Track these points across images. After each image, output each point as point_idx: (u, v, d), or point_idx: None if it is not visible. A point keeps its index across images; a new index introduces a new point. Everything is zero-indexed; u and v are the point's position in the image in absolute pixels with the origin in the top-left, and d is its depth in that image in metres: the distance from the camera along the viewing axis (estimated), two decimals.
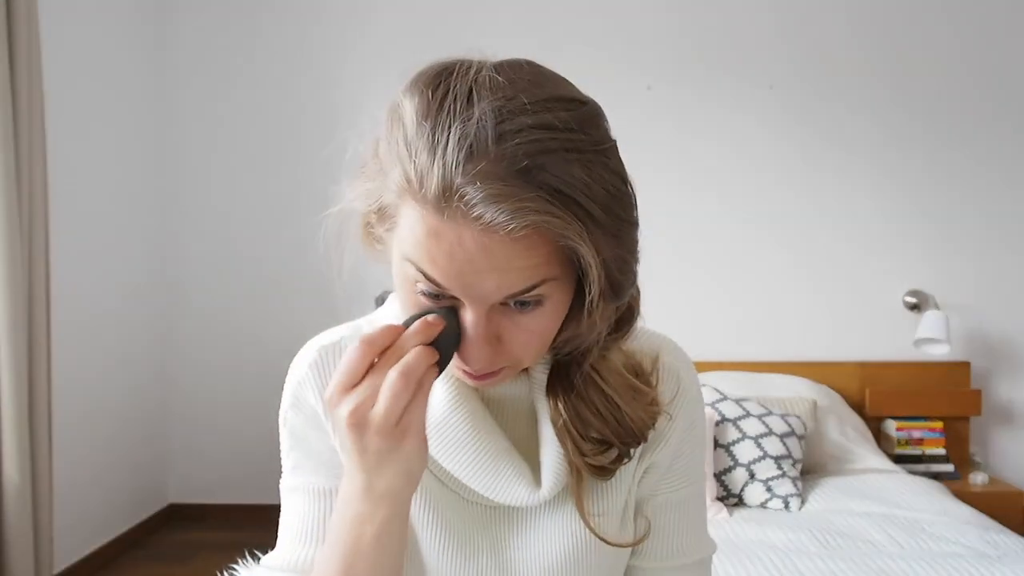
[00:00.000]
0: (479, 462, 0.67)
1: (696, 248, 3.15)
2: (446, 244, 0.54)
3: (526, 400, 0.70)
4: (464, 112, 0.53)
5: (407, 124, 0.55)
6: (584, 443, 0.66)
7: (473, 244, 0.53)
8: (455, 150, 0.52)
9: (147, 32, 3.22)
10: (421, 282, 0.57)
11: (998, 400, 3.11)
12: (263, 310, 3.27)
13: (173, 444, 3.34)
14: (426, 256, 0.55)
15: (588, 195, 0.53)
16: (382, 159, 0.58)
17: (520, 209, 0.51)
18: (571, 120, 0.54)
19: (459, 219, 0.53)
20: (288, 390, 0.73)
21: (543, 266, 0.55)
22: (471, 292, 0.56)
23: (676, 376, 0.73)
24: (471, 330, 0.57)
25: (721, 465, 2.37)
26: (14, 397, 2.21)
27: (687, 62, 3.15)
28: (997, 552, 1.88)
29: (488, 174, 0.51)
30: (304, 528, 0.71)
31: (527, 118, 0.53)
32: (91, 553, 2.82)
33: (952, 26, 3.10)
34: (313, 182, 3.26)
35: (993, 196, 3.10)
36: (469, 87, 0.54)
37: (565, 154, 0.53)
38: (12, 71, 2.21)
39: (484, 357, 0.58)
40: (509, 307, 0.57)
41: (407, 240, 0.56)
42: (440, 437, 0.67)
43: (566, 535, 0.70)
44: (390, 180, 0.57)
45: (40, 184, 2.33)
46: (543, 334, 0.60)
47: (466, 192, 0.52)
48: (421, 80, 0.57)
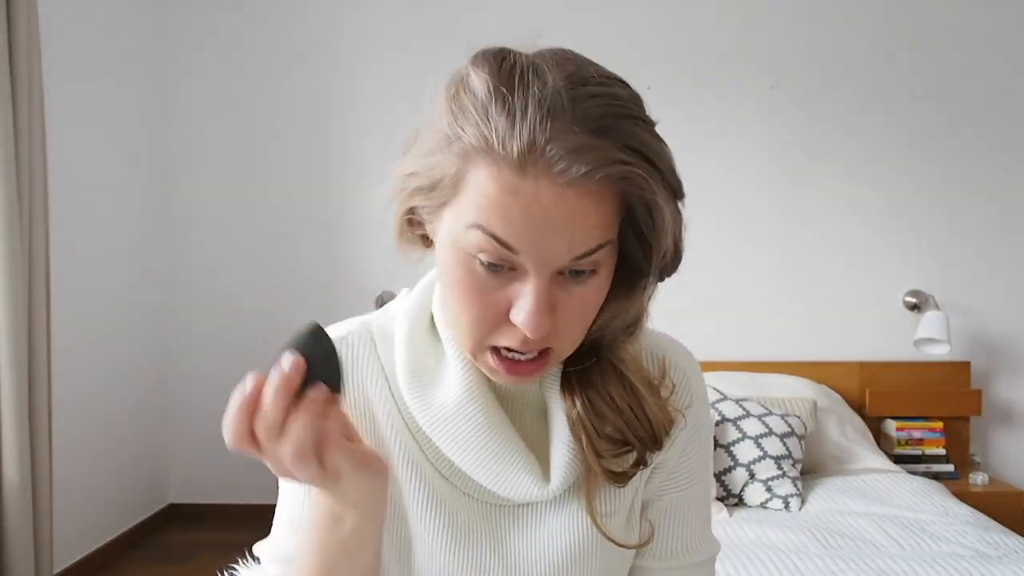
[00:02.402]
0: (490, 455, 0.66)
1: (696, 248, 3.14)
2: (523, 201, 0.54)
3: (537, 395, 0.70)
4: (536, 81, 0.54)
5: (478, 92, 0.56)
6: (599, 440, 0.65)
7: (551, 199, 0.54)
8: (535, 111, 0.53)
9: (147, 31, 3.22)
10: (485, 252, 0.56)
11: (998, 400, 3.11)
12: (263, 310, 3.27)
13: (173, 444, 3.34)
14: (500, 215, 0.55)
15: (659, 155, 0.56)
16: (445, 128, 0.57)
17: (603, 159, 0.53)
18: (631, 95, 0.58)
19: (540, 175, 0.54)
20: None
21: (608, 226, 0.57)
22: (542, 253, 0.56)
23: (684, 375, 0.73)
24: (534, 297, 0.57)
25: (721, 465, 2.37)
26: (14, 397, 2.21)
27: (687, 62, 3.15)
28: (997, 552, 1.88)
29: (568, 130, 0.53)
30: (295, 518, 0.71)
31: (596, 88, 0.55)
32: (91, 553, 2.82)
33: (952, 26, 3.10)
34: (313, 181, 3.26)
35: (993, 196, 3.10)
36: (534, 61, 0.57)
37: (633, 120, 0.56)
38: (12, 71, 2.21)
39: (543, 325, 0.57)
40: (565, 277, 0.58)
41: (476, 204, 0.56)
42: (453, 428, 0.66)
43: (571, 533, 0.69)
44: (456, 147, 0.56)
45: (40, 184, 2.33)
46: (592, 306, 0.61)
47: (549, 148, 0.53)
48: (485, 56, 0.58)
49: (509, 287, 0.58)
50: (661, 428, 0.66)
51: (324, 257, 3.27)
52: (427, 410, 0.67)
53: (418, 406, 0.67)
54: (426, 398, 0.67)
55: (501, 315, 0.59)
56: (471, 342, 0.61)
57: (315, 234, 3.28)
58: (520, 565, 0.70)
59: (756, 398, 2.64)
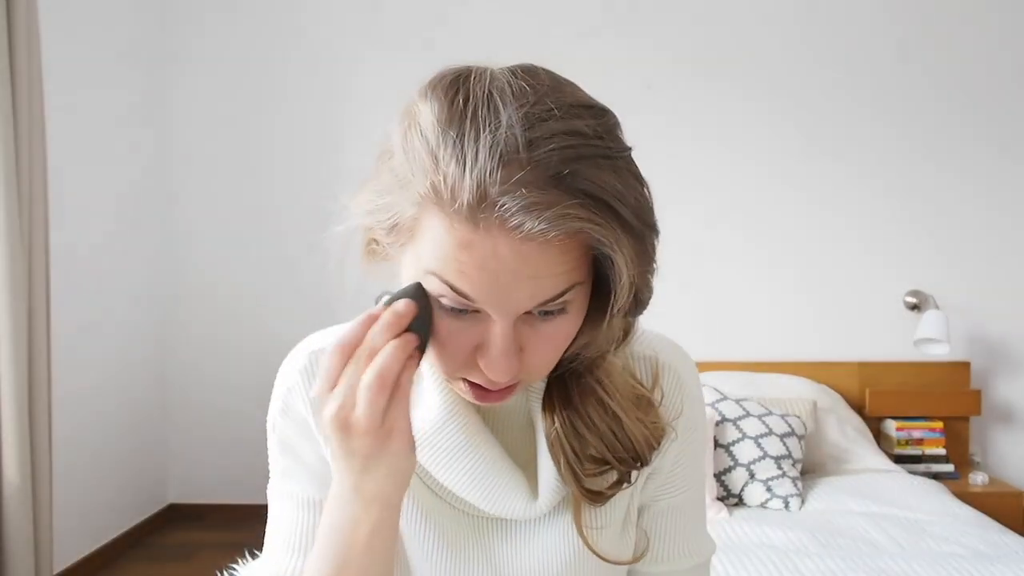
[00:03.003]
0: (474, 474, 0.65)
1: (696, 248, 3.15)
2: (479, 256, 0.52)
3: (523, 410, 0.69)
4: (490, 119, 0.51)
5: (427, 133, 0.53)
6: (579, 461, 0.64)
7: (509, 254, 0.51)
8: (487, 159, 0.50)
9: (148, 31, 3.22)
10: (445, 297, 0.55)
11: (998, 400, 3.11)
12: (263, 311, 3.27)
13: (173, 444, 3.34)
14: (455, 269, 0.53)
15: (621, 201, 0.52)
16: (397, 171, 0.55)
17: (562, 216, 0.49)
18: (598, 127, 0.53)
19: (494, 230, 0.51)
20: (277, 395, 0.71)
21: (573, 271, 0.54)
22: (503, 304, 0.54)
23: (677, 377, 0.72)
24: (499, 343, 0.55)
25: (721, 465, 2.37)
26: (14, 398, 2.21)
27: (687, 62, 3.15)
28: (997, 552, 1.88)
29: (524, 182, 0.49)
30: (294, 539, 0.69)
31: (556, 124, 0.51)
32: (91, 553, 2.82)
33: (952, 26, 3.10)
34: (314, 184, 3.26)
35: (993, 196, 3.10)
36: (489, 92, 0.52)
37: (597, 160, 0.51)
38: (12, 71, 2.20)
39: (511, 369, 0.56)
40: (532, 315, 0.56)
41: (431, 253, 0.54)
42: (434, 448, 0.65)
43: (562, 547, 0.69)
44: (410, 192, 0.54)
45: (40, 184, 2.33)
46: (562, 341, 0.59)
47: (503, 202, 0.49)
48: (438, 86, 0.54)
49: (474, 328, 0.56)
50: (644, 447, 0.65)
51: (323, 261, 3.26)
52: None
53: None
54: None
55: (468, 354, 0.57)
56: (443, 374, 0.61)
57: (315, 234, 3.27)
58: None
59: (756, 398, 2.64)
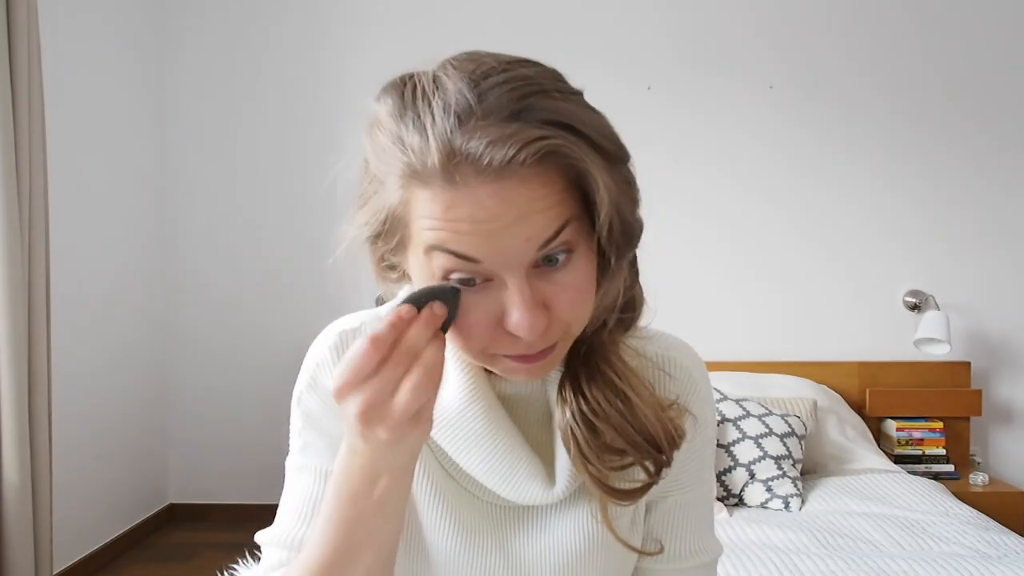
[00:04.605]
0: (493, 459, 0.66)
1: (696, 248, 3.15)
2: (466, 211, 0.53)
3: (540, 397, 0.70)
4: (439, 92, 0.54)
5: (387, 124, 0.56)
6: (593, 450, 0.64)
7: (492, 199, 0.53)
8: (443, 119, 0.53)
9: (148, 29, 3.22)
10: (452, 271, 0.56)
11: (998, 400, 3.11)
12: (264, 310, 3.27)
13: (173, 444, 3.34)
14: (450, 233, 0.54)
15: (584, 123, 0.54)
16: (374, 171, 0.58)
17: (527, 140, 0.52)
18: (544, 72, 0.56)
19: (470, 180, 0.53)
20: (305, 371, 0.73)
21: (562, 205, 0.55)
22: (504, 255, 0.55)
23: (688, 373, 0.73)
24: (518, 299, 0.56)
25: (721, 465, 2.37)
26: (14, 397, 2.21)
27: (687, 62, 3.15)
28: (997, 552, 1.88)
29: (483, 127, 0.52)
30: (307, 507, 0.71)
31: (501, 76, 0.54)
32: (91, 553, 2.82)
33: (951, 26, 3.10)
34: (314, 179, 3.26)
35: (993, 196, 3.10)
36: (434, 75, 0.56)
37: (551, 94, 0.54)
38: (12, 71, 2.21)
39: (538, 324, 0.56)
40: (543, 268, 0.57)
41: (427, 231, 0.55)
42: (454, 432, 0.67)
43: (577, 534, 0.70)
44: (390, 182, 0.56)
45: (40, 184, 2.32)
46: (585, 289, 0.59)
47: (468, 148, 0.52)
48: (387, 87, 0.58)
49: (491, 298, 0.57)
50: (660, 435, 0.65)
51: (326, 258, 3.26)
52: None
53: None
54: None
55: (492, 327, 0.58)
56: (475, 357, 0.61)
57: (315, 235, 3.27)
58: (525, 566, 0.70)
59: (756, 398, 2.64)
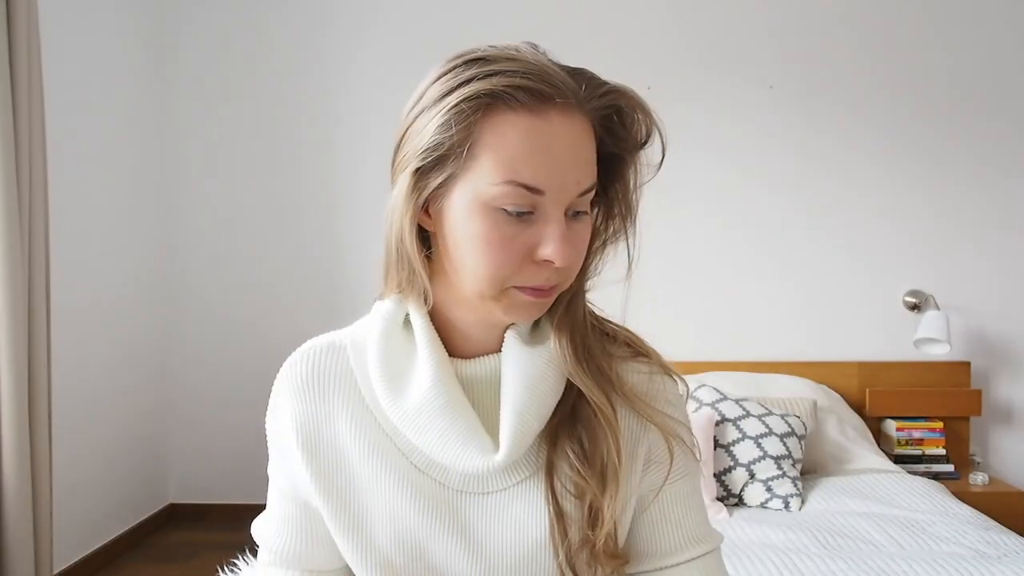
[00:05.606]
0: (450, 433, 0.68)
1: (696, 248, 3.15)
2: (544, 138, 0.61)
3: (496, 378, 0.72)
4: (508, 48, 0.63)
5: (470, 58, 0.64)
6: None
7: (563, 130, 0.61)
8: (523, 60, 0.61)
9: (148, 30, 3.22)
10: (513, 201, 0.62)
11: (998, 400, 3.11)
12: (264, 310, 3.27)
13: (173, 444, 3.34)
14: (524, 158, 0.61)
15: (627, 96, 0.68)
16: (441, 108, 0.62)
17: (595, 83, 0.64)
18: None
19: (550, 109, 0.61)
20: (273, 391, 0.78)
21: (594, 167, 0.66)
22: (562, 189, 0.62)
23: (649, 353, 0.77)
24: (558, 233, 0.63)
25: (721, 465, 2.37)
26: (14, 397, 2.21)
27: (687, 62, 3.15)
28: (997, 552, 1.88)
29: (558, 69, 0.62)
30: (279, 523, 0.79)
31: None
32: (91, 553, 2.82)
33: (952, 25, 3.10)
34: (314, 181, 3.26)
35: (993, 196, 3.10)
36: (490, 45, 0.66)
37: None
38: (12, 71, 2.20)
39: (569, 255, 0.64)
40: (568, 218, 0.65)
41: (499, 159, 0.61)
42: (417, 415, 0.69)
43: (535, 520, 0.71)
44: (461, 113, 0.61)
45: (40, 184, 2.32)
46: (585, 244, 0.68)
47: (548, 82, 0.60)
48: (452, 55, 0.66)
49: (529, 231, 0.63)
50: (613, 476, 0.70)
51: (325, 260, 3.27)
52: (400, 406, 0.69)
53: (392, 404, 0.70)
54: (400, 396, 0.70)
55: (523, 258, 0.64)
56: (494, 286, 0.65)
57: (316, 238, 3.27)
58: (486, 552, 0.71)
59: (756, 398, 2.64)
